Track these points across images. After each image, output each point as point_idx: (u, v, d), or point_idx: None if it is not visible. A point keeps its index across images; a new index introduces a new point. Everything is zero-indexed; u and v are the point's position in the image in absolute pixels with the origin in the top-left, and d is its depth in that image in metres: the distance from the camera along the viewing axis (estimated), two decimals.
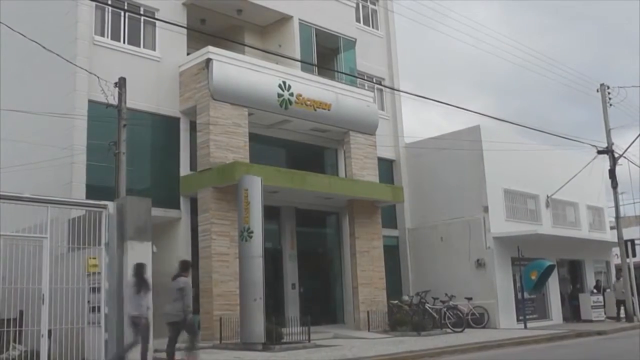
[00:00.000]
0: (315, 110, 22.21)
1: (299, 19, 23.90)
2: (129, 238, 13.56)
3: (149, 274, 13.37)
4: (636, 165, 30.55)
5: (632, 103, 33.81)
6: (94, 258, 13.47)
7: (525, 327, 24.66)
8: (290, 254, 22.76)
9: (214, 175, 19.36)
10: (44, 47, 15.93)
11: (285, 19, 23.84)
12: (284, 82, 21.41)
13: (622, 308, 28.35)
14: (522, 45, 46.49)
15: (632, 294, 28.65)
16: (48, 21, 20.07)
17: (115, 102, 16.39)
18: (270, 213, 21.01)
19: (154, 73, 20.49)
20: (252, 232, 17.26)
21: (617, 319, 28.26)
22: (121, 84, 16.54)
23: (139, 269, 13.18)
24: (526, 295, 26.04)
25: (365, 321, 22.35)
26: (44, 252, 12.79)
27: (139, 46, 20.46)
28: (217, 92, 19.86)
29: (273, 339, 16.86)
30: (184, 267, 14.11)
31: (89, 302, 13.39)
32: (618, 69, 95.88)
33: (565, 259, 30.45)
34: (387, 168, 27.61)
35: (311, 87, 22.39)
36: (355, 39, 25.94)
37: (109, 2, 19.53)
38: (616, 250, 31.39)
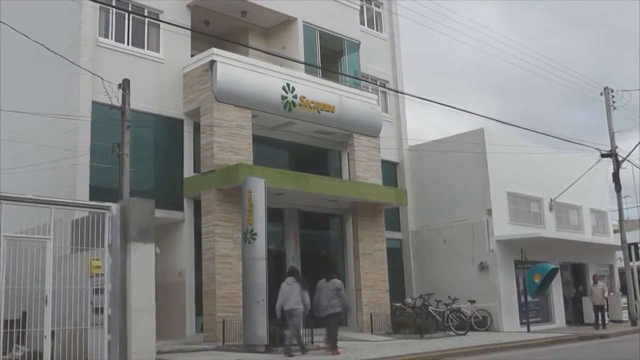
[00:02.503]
0: (319, 112, 22.19)
1: (303, 21, 23.87)
2: (132, 239, 13.53)
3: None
4: None
5: (636, 106, 33.77)
6: (97, 259, 13.45)
7: (529, 330, 24.58)
8: (293, 256, 22.66)
9: (217, 177, 19.33)
10: (47, 49, 15.95)
11: (289, 21, 23.83)
12: (288, 84, 21.39)
13: (600, 315, 26.27)
14: (525, 47, 46.50)
15: (635, 297, 28.55)
16: (52, 22, 20.07)
17: (118, 103, 16.37)
18: (274, 215, 20.97)
19: (157, 75, 20.48)
20: (255, 234, 17.21)
21: (595, 325, 25.91)
22: (125, 85, 16.54)
23: (294, 270, 16.71)
24: (529, 298, 25.96)
25: (368, 323, 22.31)
26: (47, 253, 12.76)
27: (143, 48, 20.46)
28: (221, 94, 19.85)
29: (276, 341, 16.81)
30: (333, 270, 17.71)
31: (92, 303, 13.36)
32: (622, 72, 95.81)
33: (568, 262, 30.33)
34: (390, 170, 27.57)
35: (315, 89, 22.37)
36: (359, 42, 25.91)
37: (113, 4, 19.53)
38: (619, 254, 31.27)
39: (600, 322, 26.14)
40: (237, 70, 20.47)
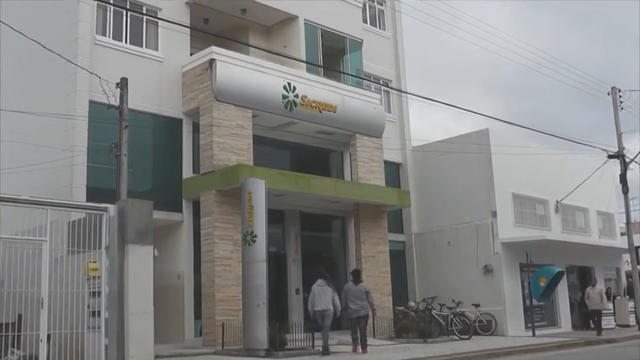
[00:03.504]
0: (320, 112, 22.18)
1: (305, 19, 23.89)
2: (130, 241, 13.47)
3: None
4: None
5: None
6: (94, 262, 13.39)
7: (534, 334, 24.54)
8: (294, 259, 22.70)
9: (217, 178, 19.33)
10: (44, 47, 15.93)
11: (290, 19, 23.83)
12: (289, 84, 21.38)
13: (597, 320, 25.71)
14: (532, 46, 46.42)
15: None
16: (49, 20, 20.09)
17: (116, 103, 16.36)
18: (274, 217, 20.96)
19: (156, 73, 20.48)
20: (255, 236, 17.18)
21: (598, 331, 25.26)
22: (123, 84, 16.52)
23: (324, 273, 17.65)
24: (535, 302, 25.92)
25: (371, 328, 22.23)
26: (43, 255, 12.69)
27: (141, 46, 20.47)
28: (220, 93, 19.84)
29: (276, 345, 16.80)
30: (359, 274, 18.41)
31: (88, 306, 13.30)
32: (629, 71, 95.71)
33: (574, 265, 30.29)
34: (393, 171, 27.57)
35: (317, 88, 22.36)
36: (362, 40, 25.92)
37: (111, 1, 19.50)
38: (627, 257, 31.23)
39: (596, 327, 25.59)
40: (237, 69, 20.46)
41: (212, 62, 19.97)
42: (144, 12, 20.52)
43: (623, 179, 29.03)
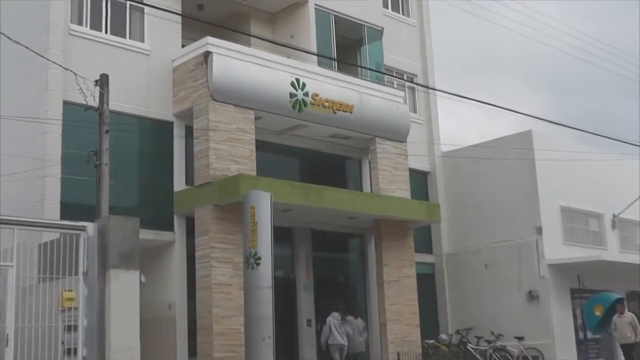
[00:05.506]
0: (334, 113, 22.13)
1: (315, 4, 24.02)
2: (113, 266, 13.41)
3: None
4: None
5: None
6: (70, 290, 13.33)
7: None
8: (305, 284, 22.65)
9: (214, 191, 19.29)
10: (8, 38, 15.88)
11: (298, 4, 23.97)
12: (298, 80, 21.34)
13: (630, 358, 23.76)
14: (582, 32, 46.09)
15: None
16: (15, 6, 20.08)
17: (95, 103, 16.28)
18: (282, 235, 20.88)
19: (142, 69, 20.48)
20: (259, 258, 17.07)
21: None
22: (103, 82, 16.44)
23: (340, 305, 20.41)
24: (589, 334, 25.78)
25: None
26: (8, 283, 12.63)
27: (124, 37, 20.47)
28: (217, 92, 19.81)
29: None
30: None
31: (63, 343, 13.26)
32: None
33: (636, 291, 30.03)
34: (420, 181, 27.57)
35: (330, 85, 22.34)
36: (383, 28, 26.00)
37: None
38: None
39: None
40: (237, 63, 20.45)
41: (207, 55, 19.94)
42: None
43: None
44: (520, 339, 24.56)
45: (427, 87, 27.77)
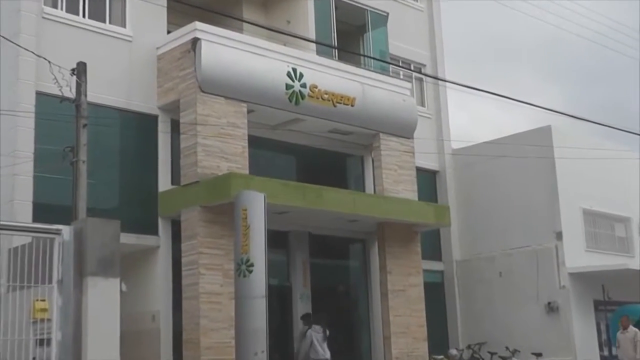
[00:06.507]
0: (334, 106, 22.15)
1: None
2: (90, 273, 13.31)
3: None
4: None
5: None
6: (43, 300, 13.23)
7: None
8: (302, 294, 22.65)
9: (202, 191, 19.30)
10: None
11: None
12: (294, 70, 21.36)
13: None
14: (606, 16, 45.82)
15: None
16: None
17: (72, 94, 16.28)
18: (277, 240, 20.97)
19: (123, 57, 20.46)
20: (252, 264, 17.04)
21: None
22: (80, 71, 16.43)
23: (322, 318, 20.63)
24: (614, 351, 25.61)
25: None
26: None
27: (104, 22, 20.46)
28: (206, 83, 19.80)
29: None
30: (310, 318, 20.70)
31: (34, 358, 13.17)
32: None
33: None
34: (428, 181, 27.69)
35: (330, 75, 22.38)
36: (388, 14, 26.13)
37: None
38: None
39: None
40: (228, 51, 20.47)
41: (195, 42, 19.94)
42: None
43: None
44: (538, 355, 24.65)
45: (436, 77, 27.79)
